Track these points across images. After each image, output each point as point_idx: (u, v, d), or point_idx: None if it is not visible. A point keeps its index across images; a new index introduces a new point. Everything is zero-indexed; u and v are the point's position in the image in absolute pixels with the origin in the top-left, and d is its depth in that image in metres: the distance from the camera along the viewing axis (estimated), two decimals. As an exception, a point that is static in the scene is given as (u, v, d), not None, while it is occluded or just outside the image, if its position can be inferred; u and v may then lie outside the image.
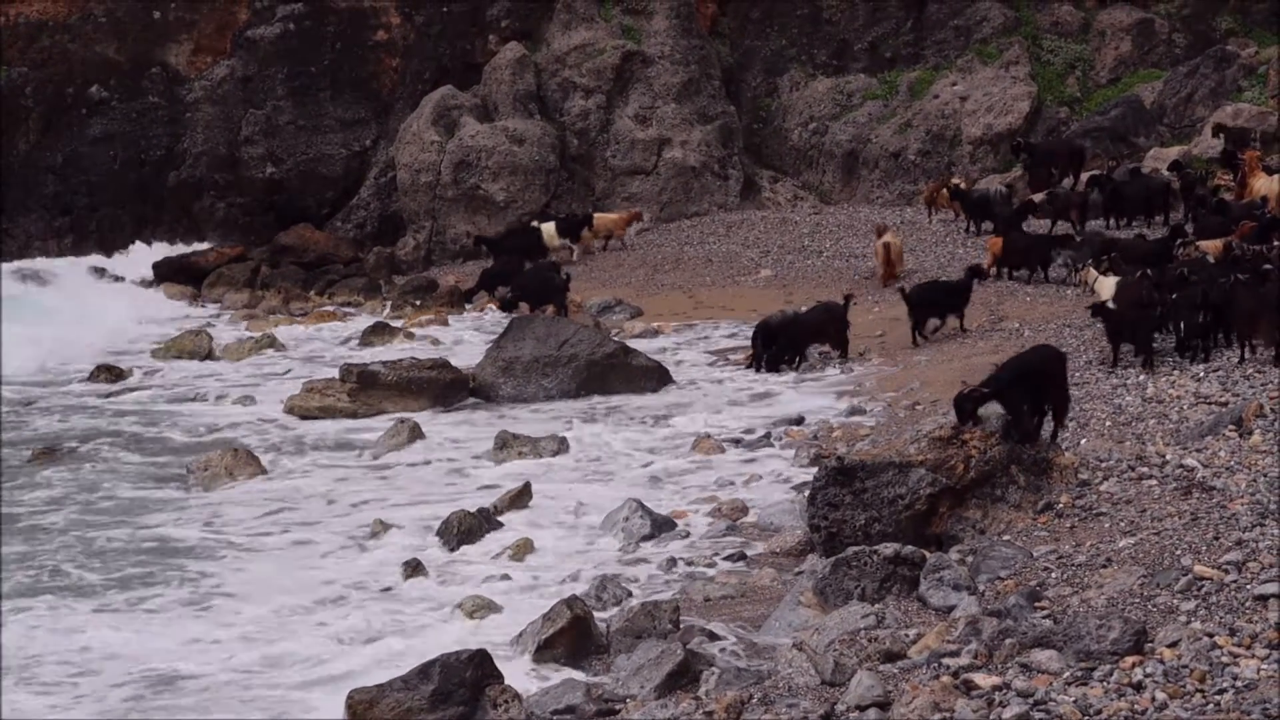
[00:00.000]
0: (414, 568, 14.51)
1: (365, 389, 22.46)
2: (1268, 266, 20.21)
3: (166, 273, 37.80)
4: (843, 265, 31.08)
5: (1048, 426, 14.59)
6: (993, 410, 13.96)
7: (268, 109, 41.13)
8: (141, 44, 41.22)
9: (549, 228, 34.53)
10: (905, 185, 37.41)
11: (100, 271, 37.54)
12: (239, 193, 40.95)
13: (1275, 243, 23.43)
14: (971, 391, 14.06)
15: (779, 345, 23.34)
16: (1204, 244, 23.61)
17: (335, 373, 23.37)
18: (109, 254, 40.00)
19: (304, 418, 22.28)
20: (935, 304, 24.01)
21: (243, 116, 41.12)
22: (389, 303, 33.58)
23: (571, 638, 12.21)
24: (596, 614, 12.76)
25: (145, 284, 37.22)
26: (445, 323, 30.34)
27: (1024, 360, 14.69)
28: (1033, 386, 14.13)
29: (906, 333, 24.40)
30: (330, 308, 33.49)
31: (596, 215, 36.09)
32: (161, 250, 39.23)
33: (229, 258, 38.34)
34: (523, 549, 15.08)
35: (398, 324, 29.68)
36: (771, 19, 41.59)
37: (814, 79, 40.98)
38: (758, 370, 23.36)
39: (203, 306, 35.09)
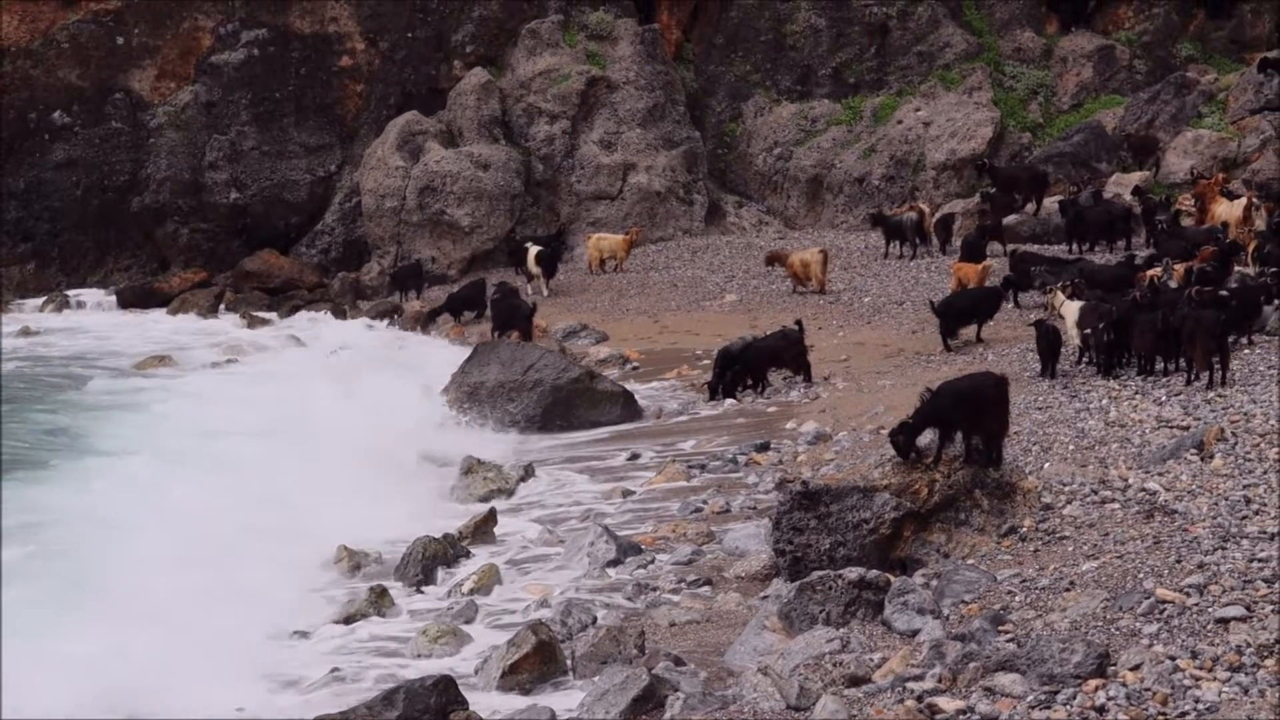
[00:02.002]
0: (379, 594, 14.43)
1: (330, 414, 22.38)
2: (1223, 293, 20.35)
3: (130, 298, 37.69)
4: (807, 289, 31.15)
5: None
6: None
7: (232, 134, 41.12)
8: (104, 69, 41.16)
9: (534, 251, 34.56)
10: (869, 210, 37.60)
11: None
12: (203, 218, 40.88)
13: (1235, 268, 23.64)
14: (900, 425, 14.02)
15: (735, 371, 23.38)
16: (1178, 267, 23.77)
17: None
18: (71, 280, 40.04)
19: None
20: (967, 312, 24.29)
21: (206, 142, 41.10)
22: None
23: (536, 663, 12.18)
24: (561, 639, 12.72)
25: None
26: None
27: (956, 386, 14.57)
28: (968, 411, 13.97)
29: (870, 357, 24.52)
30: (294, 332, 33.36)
31: (599, 236, 36.17)
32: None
33: (192, 283, 38.30)
34: (488, 575, 15.02)
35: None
36: (736, 45, 41.80)
37: (778, 104, 41.19)
38: (712, 396, 23.38)
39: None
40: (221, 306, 36.92)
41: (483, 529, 16.56)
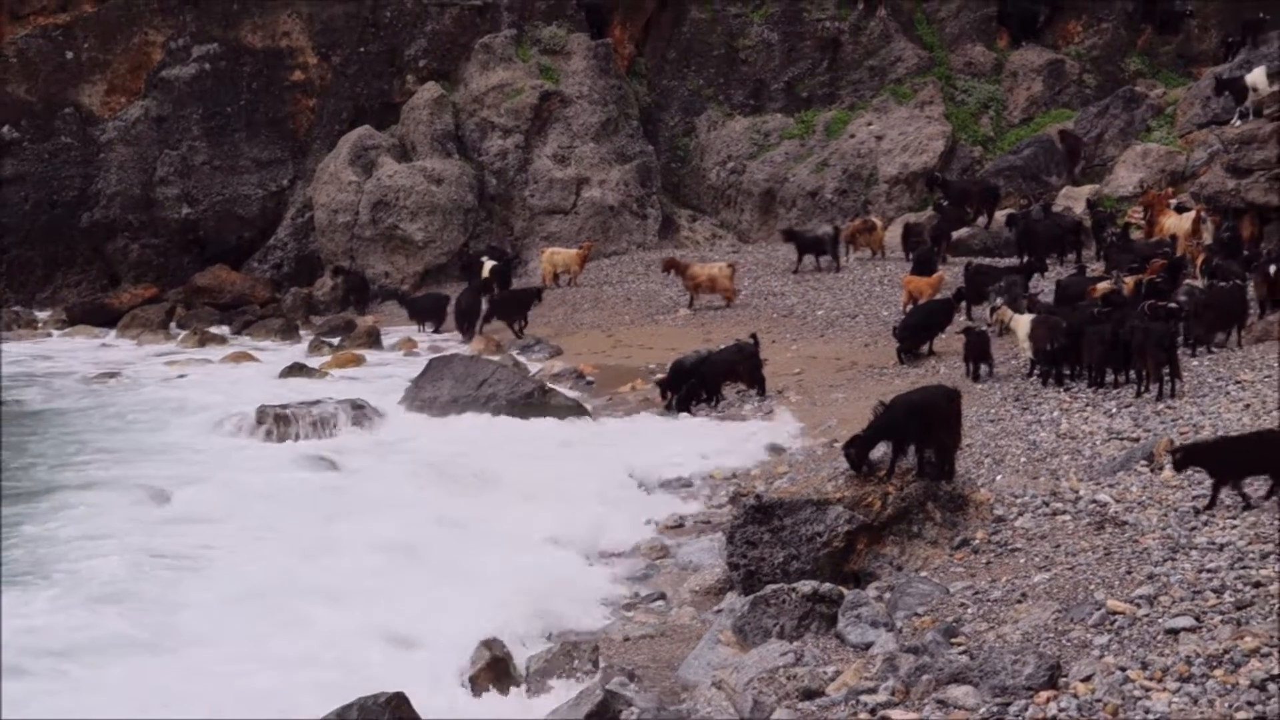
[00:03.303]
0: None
1: (282, 429, 22.26)
2: (1173, 305, 20.56)
3: (80, 315, 37.37)
4: (761, 303, 31.24)
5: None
6: None
7: (183, 149, 40.90)
8: (53, 84, 40.87)
9: (489, 265, 34.57)
10: (822, 223, 37.69)
11: None
12: (153, 234, 40.64)
13: (1185, 281, 23.85)
14: (853, 439, 14.07)
15: (690, 385, 23.37)
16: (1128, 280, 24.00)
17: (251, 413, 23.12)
18: (20, 297, 39.72)
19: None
20: (924, 328, 24.42)
21: (157, 157, 40.87)
22: (306, 343, 33.36)
23: (490, 679, 12.14)
24: (516, 654, 12.67)
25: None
26: (362, 362, 30.14)
27: (908, 400, 14.63)
28: (920, 425, 14.04)
29: (823, 371, 24.59)
30: (246, 348, 33.05)
31: (553, 250, 36.19)
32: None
33: (143, 299, 38.01)
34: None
35: (315, 364, 29.46)
36: (689, 59, 41.89)
37: (731, 118, 41.28)
38: (669, 409, 23.38)
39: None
40: (173, 323, 36.60)
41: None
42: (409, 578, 15.21)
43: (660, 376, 24.22)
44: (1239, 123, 29.83)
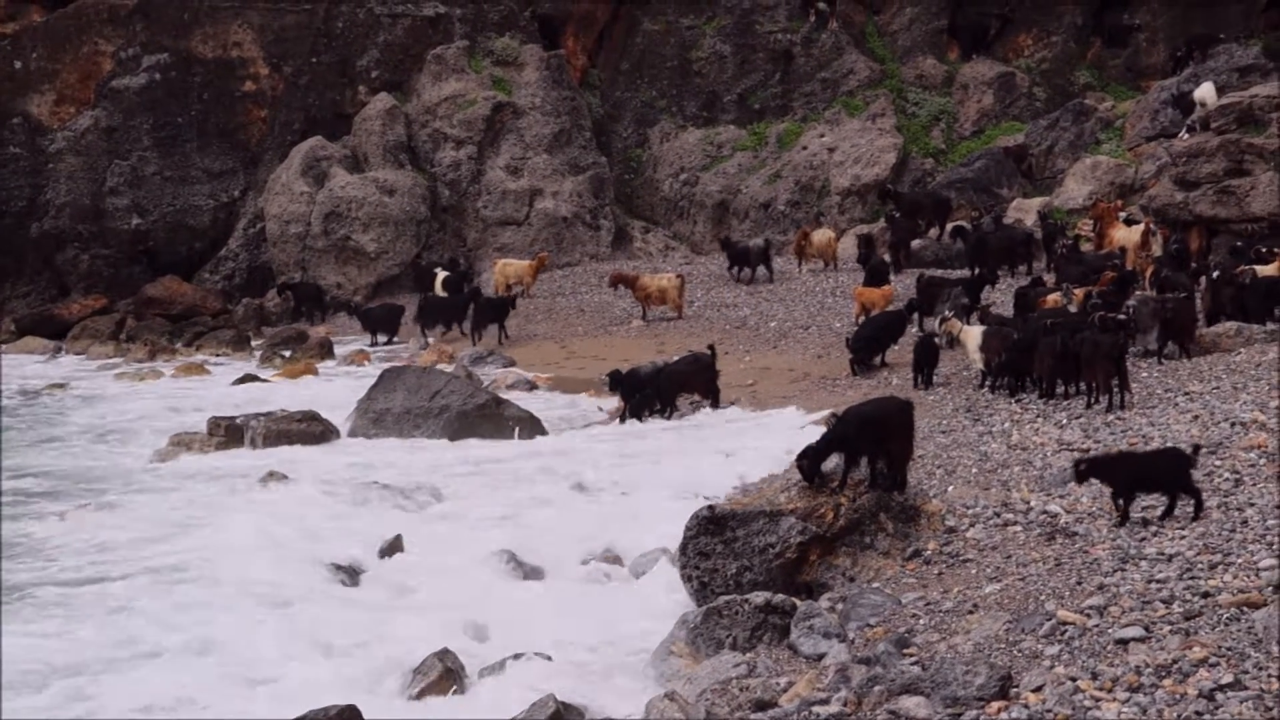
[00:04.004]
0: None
1: (234, 442, 22.16)
2: (1121, 316, 20.71)
3: (29, 326, 37.07)
4: (714, 315, 31.30)
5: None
6: None
7: (133, 159, 40.66)
8: (1, 94, 40.57)
9: (442, 277, 34.54)
10: (775, 235, 37.86)
11: None
12: (104, 244, 40.37)
13: (1135, 292, 24.01)
14: (805, 450, 14.08)
15: (643, 394, 23.35)
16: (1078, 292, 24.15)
17: (203, 425, 23.01)
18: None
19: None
20: (876, 340, 24.47)
21: (107, 167, 40.61)
22: (258, 354, 33.21)
23: (443, 690, 12.09)
24: (467, 666, 12.62)
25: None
26: (315, 373, 30.03)
27: (860, 411, 14.62)
28: (873, 436, 14.06)
29: (776, 382, 24.64)
30: (197, 360, 32.92)
31: (506, 262, 36.12)
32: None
33: (93, 310, 37.74)
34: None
35: (267, 375, 29.33)
36: (642, 71, 41.97)
37: (684, 130, 41.39)
38: (624, 420, 23.37)
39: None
40: (123, 334, 36.35)
41: (389, 552, 16.41)
42: (358, 591, 15.18)
43: (610, 371, 24.10)
44: (1187, 136, 30.11)
